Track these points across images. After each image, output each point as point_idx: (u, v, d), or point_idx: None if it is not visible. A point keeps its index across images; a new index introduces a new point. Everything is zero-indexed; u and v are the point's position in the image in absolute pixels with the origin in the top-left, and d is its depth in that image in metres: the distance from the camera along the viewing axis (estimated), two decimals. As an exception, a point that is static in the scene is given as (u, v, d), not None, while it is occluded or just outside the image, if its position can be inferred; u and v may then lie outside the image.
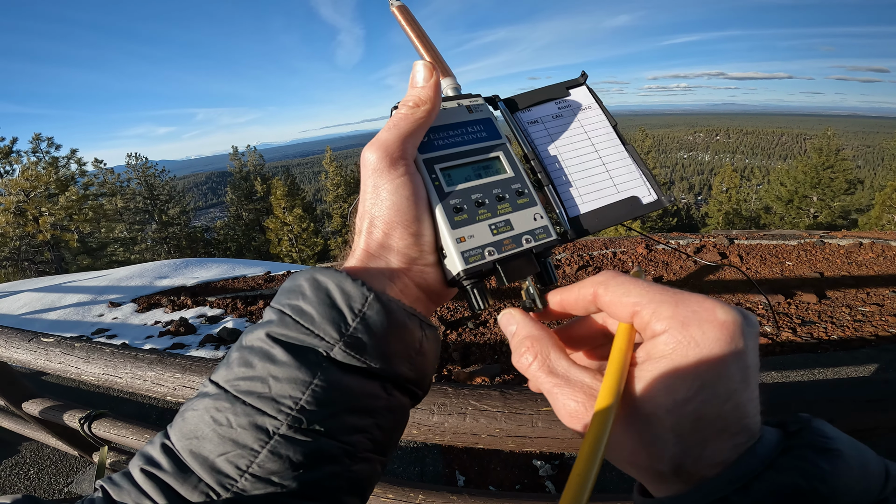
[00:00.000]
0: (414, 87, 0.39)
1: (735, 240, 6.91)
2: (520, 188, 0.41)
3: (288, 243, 23.79)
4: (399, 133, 0.38)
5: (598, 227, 0.43)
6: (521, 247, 0.39)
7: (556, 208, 0.43)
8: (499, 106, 0.47)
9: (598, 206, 0.44)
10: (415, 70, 0.39)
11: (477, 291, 0.37)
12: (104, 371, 1.18)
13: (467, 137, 0.43)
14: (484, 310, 0.38)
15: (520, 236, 0.39)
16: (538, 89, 0.49)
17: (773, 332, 4.13)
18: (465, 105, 0.45)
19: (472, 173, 0.41)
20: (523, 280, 0.39)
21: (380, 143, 0.37)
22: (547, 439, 0.78)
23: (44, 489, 2.55)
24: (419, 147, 0.40)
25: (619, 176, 0.46)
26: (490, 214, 0.39)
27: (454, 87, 0.46)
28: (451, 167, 0.41)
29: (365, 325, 0.32)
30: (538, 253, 0.40)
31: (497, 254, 0.38)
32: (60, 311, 6.05)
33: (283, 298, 0.34)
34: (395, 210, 0.37)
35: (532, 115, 0.48)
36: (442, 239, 0.38)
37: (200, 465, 0.30)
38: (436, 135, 0.42)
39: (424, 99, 0.38)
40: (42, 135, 18.37)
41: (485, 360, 3.96)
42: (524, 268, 0.39)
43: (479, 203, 0.40)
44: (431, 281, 0.39)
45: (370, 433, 0.33)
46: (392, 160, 0.37)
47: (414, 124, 0.38)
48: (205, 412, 0.31)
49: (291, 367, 0.31)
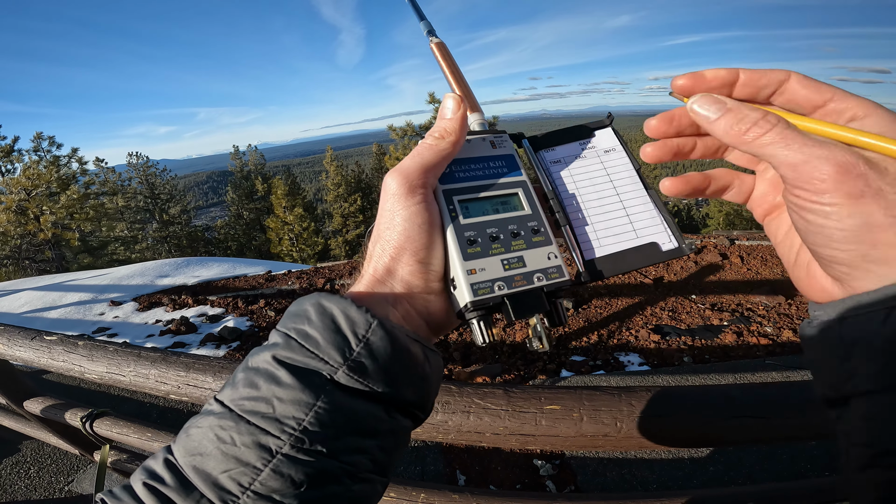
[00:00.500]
0: (442, 118, 0.40)
1: (736, 240, 6.91)
2: (536, 226, 0.41)
3: (288, 242, 23.81)
4: (422, 162, 0.39)
5: (614, 272, 0.42)
6: (532, 284, 0.39)
7: (572, 249, 0.43)
8: (522, 143, 0.48)
9: (615, 250, 0.43)
10: (444, 102, 0.41)
11: (483, 324, 0.38)
12: (107, 369, 1.18)
13: (488, 172, 0.43)
14: (488, 344, 0.38)
15: (532, 274, 0.39)
16: (563, 129, 0.49)
17: (774, 333, 4.13)
18: (489, 139, 0.45)
19: (490, 208, 0.42)
20: (531, 317, 0.39)
21: (402, 170, 0.39)
22: (550, 437, 0.78)
23: (44, 488, 2.55)
24: (440, 177, 0.41)
25: (640, 221, 0.45)
26: (503, 249, 0.39)
27: (481, 122, 0.47)
28: (470, 200, 0.41)
29: (368, 350, 0.33)
30: (549, 292, 0.40)
31: (507, 289, 0.38)
32: (61, 310, 6.06)
33: (289, 322, 0.35)
34: (406, 237, 0.37)
35: (556, 154, 0.48)
36: (453, 269, 0.39)
37: (203, 482, 0.30)
38: (458, 167, 0.43)
39: (450, 131, 0.40)
40: (43, 134, 18.38)
41: (485, 360, 3.96)
42: (533, 305, 0.38)
43: (494, 237, 0.40)
44: (434, 310, 0.40)
45: (372, 454, 0.34)
46: (411, 188, 0.38)
47: (438, 155, 0.39)
48: (209, 430, 0.32)
49: (296, 389, 0.32)
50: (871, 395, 0.28)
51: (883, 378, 0.28)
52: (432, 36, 0.52)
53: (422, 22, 0.54)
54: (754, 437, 0.78)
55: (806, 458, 2.43)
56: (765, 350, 3.86)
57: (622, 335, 4.32)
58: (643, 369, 3.68)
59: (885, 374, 0.28)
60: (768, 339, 4.04)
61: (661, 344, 4.08)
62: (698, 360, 3.78)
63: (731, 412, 0.77)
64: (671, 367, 3.68)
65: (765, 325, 4.30)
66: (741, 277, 5.78)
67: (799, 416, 0.77)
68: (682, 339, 4.13)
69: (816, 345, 0.32)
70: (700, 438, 0.79)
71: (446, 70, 0.50)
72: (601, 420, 0.77)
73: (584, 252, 0.43)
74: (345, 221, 26.81)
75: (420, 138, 0.44)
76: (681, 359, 3.81)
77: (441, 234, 0.39)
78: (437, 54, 0.51)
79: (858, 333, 0.29)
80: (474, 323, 0.38)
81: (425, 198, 0.38)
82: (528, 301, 0.38)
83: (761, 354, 3.80)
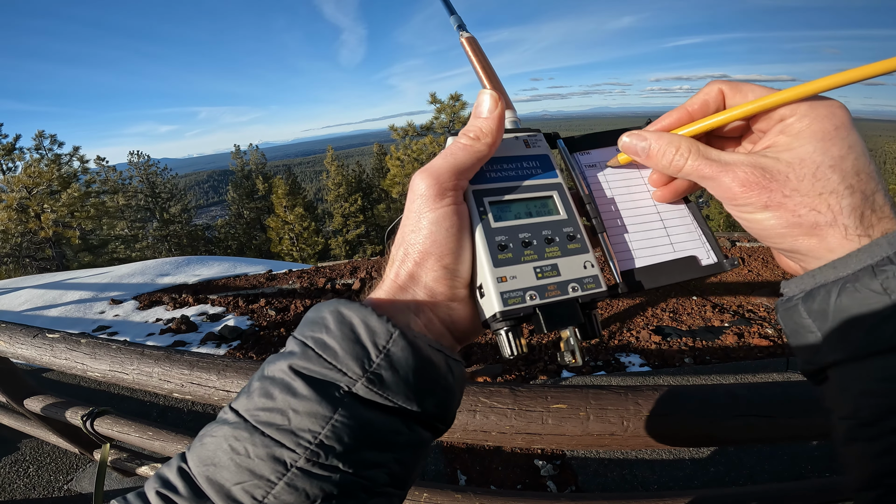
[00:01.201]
0: (477, 117, 0.38)
1: (737, 242, 6.90)
2: (572, 232, 0.39)
3: (289, 242, 23.81)
4: (455, 162, 0.37)
5: (654, 285, 0.40)
6: (567, 295, 0.37)
7: (609, 259, 0.40)
8: (557, 143, 0.45)
9: (652, 262, 0.41)
10: (480, 99, 0.38)
11: (511, 336, 0.35)
12: (110, 367, 1.18)
13: (522, 172, 0.41)
14: (515, 356, 0.35)
15: (566, 283, 0.37)
16: (600, 133, 0.47)
17: (775, 335, 4.12)
18: (522, 138, 0.43)
19: (523, 211, 0.39)
20: (564, 330, 0.36)
21: (432, 170, 0.36)
22: (556, 436, 0.78)
23: (43, 486, 2.54)
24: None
25: (678, 234, 0.43)
26: (536, 256, 0.37)
27: (514, 120, 0.45)
28: (501, 202, 0.39)
29: (388, 362, 0.32)
30: (584, 303, 0.37)
31: (539, 299, 0.36)
32: (61, 308, 6.06)
33: (307, 330, 0.34)
34: (433, 241, 0.36)
35: (591, 158, 0.45)
36: (481, 276, 0.37)
37: (216, 493, 0.30)
38: (489, 166, 0.40)
39: (487, 132, 0.37)
40: (45, 132, 18.41)
41: (486, 360, 3.96)
42: (567, 317, 0.36)
43: (526, 243, 0.38)
44: (458, 318, 0.38)
45: (389, 468, 0.33)
46: (441, 190, 0.36)
47: (472, 157, 0.37)
48: (223, 440, 0.31)
49: (312, 402, 0.31)
50: (839, 365, 0.32)
51: (845, 348, 0.31)
52: (463, 31, 0.51)
53: (452, 16, 0.52)
54: (760, 436, 0.78)
55: (807, 459, 2.42)
56: (766, 351, 3.86)
57: (623, 336, 4.32)
58: (644, 370, 3.67)
59: (847, 344, 0.30)
60: (769, 340, 4.03)
61: (662, 345, 4.08)
62: (699, 361, 3.78)
63: (738, 411, 0.77)
64: (672, 368, 3.67)
65: (766, 327, 4.30)
66: (742, 279, 5.77)
67: (804, 416, 0.76)
68: (683, 341, 4.13)
69: (787, 320, 0.35)
70: (706, 438, 0.79)
71: (477, 66, 0.47)
72: (608, 419, 0.77)
73: (620, 262, 0.40)
74: (345, 221, 26.82)
75: (421, 137, 0.42)
76: (682, 360, 3.81)
77: (470, 238, 0.37)
78: (468, 49, 0.49)
79: (818, 307, 0.32)
80: (502, 334, 0.35)
81: (455, 200, 0.37)
82: (562, 312, 0.36)
83: (762, 356, 3.79)
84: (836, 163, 0.32)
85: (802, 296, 0.34)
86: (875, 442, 0.29)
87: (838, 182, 0.32)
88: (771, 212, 0.33)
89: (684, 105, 0.39)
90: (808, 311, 0.33)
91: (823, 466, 2.37)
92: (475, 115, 0.38)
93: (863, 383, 0.30)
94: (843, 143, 0.32)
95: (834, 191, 0.32)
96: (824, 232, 0.32)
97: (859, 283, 0.30)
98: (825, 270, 0.32)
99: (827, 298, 0.31)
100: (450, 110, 18.49)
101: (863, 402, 0.30)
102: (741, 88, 0.36)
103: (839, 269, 0.32)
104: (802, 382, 0.81)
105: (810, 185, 0.32)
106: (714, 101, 0.38)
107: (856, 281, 0.30)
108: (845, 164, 0.32)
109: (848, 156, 0.32)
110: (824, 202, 0.32)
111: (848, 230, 0.31)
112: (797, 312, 0.34)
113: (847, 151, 0.32)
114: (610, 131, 0.47)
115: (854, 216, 0.31)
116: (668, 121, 0.40)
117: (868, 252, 0.30)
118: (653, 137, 0.38)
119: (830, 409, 0.33)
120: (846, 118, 0.33)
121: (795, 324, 0.34)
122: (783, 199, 0.33)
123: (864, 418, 0.30)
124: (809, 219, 0.32)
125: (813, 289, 0.33)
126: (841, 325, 0.31)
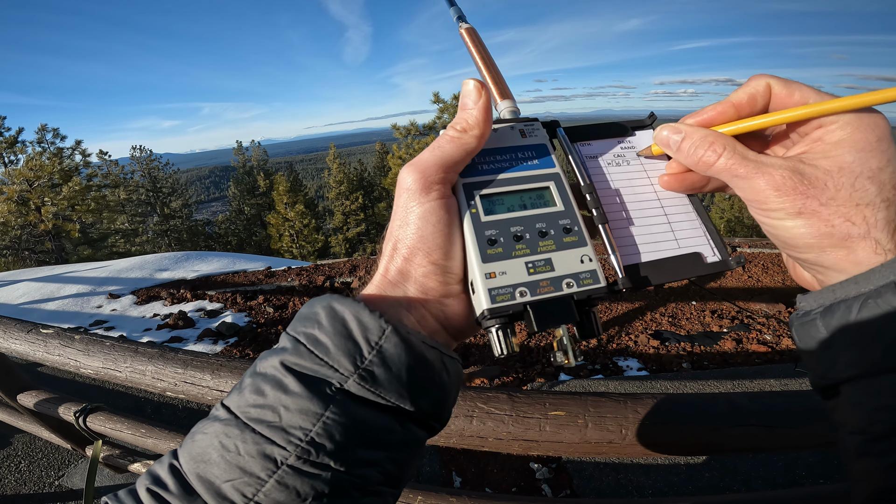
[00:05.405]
0: (464, 108, 0.37)
1: (737, 247, 6.90)
2: (568, 224, 0.37)
3: (289, 239, 23.81)
4: (442, 156, 0.36)
5: (659, 281, 0.38)
6: (560, 291, 0.35)
7: (610, 253, 0.38)
8: (557, 132, 0.43)
9: (655, 257, 0.39)
10: (464, 90, 0.37)
11: (501, 334, 0.34)
12: (103, 365, 1.16)
13: (517, 164, 0.39)
14: (505, 356, 0.34)
15: (560, 279, 0.35)
16: (601, 123, 0.45)
17: (773, 341, 4.11)
18: (518, 128, 0.41)
19: (517, 203, 0.38)
20: (557, 328, 0.35)
21: (419, 164, 0.36)
22: (554, 443, 0.77)
23: (34, 482, 2.53)
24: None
25: (682, 230, 0.41)
26: (529, 251, 0.36)
27: (512, 110, 0.43)
28: (493, 195, 0.37)
29: (381, 359, 0.31)
30: (581, 301, 0.35)
31: (529, 296, 0.34)
32: (59, 302, 6.04)
33: (299, 326, 0.33)
34: (420, 236, 0.35)
35: (592, 149, 0.44)
36: (470, 272, 0.36)
37: (206, 490, 0.30)
38: (481, 158, 0.39)
39: (473, 123, 0.36)
40: (48, 126, 18.40)
41: (484, 362, 3.95)
42: (560, 315, 0.34)
43: (518, 237, 0.36)
44: (452, 314, 0.37)
45: (382, 466, 0.32)
46: (428, 184, 0.35)
47: (460, 149, 0.36)
48: (214, 437, 0.31)
49: (303, 398, 0.30)
50: (854, 381, 0.31)
51: (863, 363, 0.30)
52: (462, 21, 0.49)
53: (452, 7, 0.51)
54: (760, 445, 0.77)
55: (802, 466, 2.41)
56: (764, 358, 3.85)
57: (621, 339, 4.31)
58: (642, 374, 3.67)
59: (865, 359, 0.30)
60: (767, 346, 4.03)
61: (661, 349, 4.07)
62: (697, 366, 3.77)
63: (737, 420, 0.76)
64: (670, 373, 3.66)
65: (764, 333, 4.29)
66: (742, 284, 5.77)
67: (805, 426, 0.76)
68: (682, 345, 4.12)
69: (803, 334, 0.34)
70: (705, 446, 0.78)
71: (476, 56, 0.47)
72: (606, 427, 0.75)
73: (623, 256, 0.38)
74: (346, 219, 26.81)
75: (423, 137, 0.41)
76: (679, 365, 3.80)
77: (460, 233, 0.36)
78: (467, 40, 0.48)
79: (837, 322, 0.31)
80: (493, 332, 0.34)
81: (442, 194, 0.36)
82: (554, 310, 0.34)
83: (760, 362, 3.79)
84: (874, 174, 0.31)
85: (821, 311, 0.33)
86: (885, 457, 0.29)
87: (875, 194, 0.31)
88: (804, 219, 0.32)
89: (729, 98, 0.36)
90: (827, 326, 0.32)
91: (818, 473, 2.37)
92: (461, 106, 0.37)
93: (879, 399, 0.29)
94: (883, 156, 0.31)
95: (871, 203, 0.31)
96: (855, 244, 0.31)
97: (881, 300, 0.29)
98: (846, 286, 0.32)
99: (847, 314, 0.31)
100: (453, 110, 18.48)
101: (877, 418, 0.29)
102: (790, 86, 0.34)
103: (861, 284, 0.31)
104: (803, 392, 0.80)
105: (848, 194, 0.31)
106: (762, 96, 0.35)
107: (878, 297, 0.29)
108: (883, 177, 0.31)
109: (886, 168, 0.31)
110: (860, 213, 0.31)
111: (878, 244, 0.31)
112: (814, 327, 0.33)
113: (886, 164, 0.31)
114: (612, 123, 0.45)
115: (887, 230, 0.31)
116: (710, 114, 0.37)
117: (891, 268, 0.30)
118: (688, 131, 0.37)
119: (839, 423, 0.33)
120: (888, 130, 0.32)
121: (811, 338, 0.33)
122: (818, 208, 0.32)
123: (875, 433, 0.29)
124: (842, 229, 0.31)
125: (832, 304, 0.32)
126: (860, 341, 0.30)
